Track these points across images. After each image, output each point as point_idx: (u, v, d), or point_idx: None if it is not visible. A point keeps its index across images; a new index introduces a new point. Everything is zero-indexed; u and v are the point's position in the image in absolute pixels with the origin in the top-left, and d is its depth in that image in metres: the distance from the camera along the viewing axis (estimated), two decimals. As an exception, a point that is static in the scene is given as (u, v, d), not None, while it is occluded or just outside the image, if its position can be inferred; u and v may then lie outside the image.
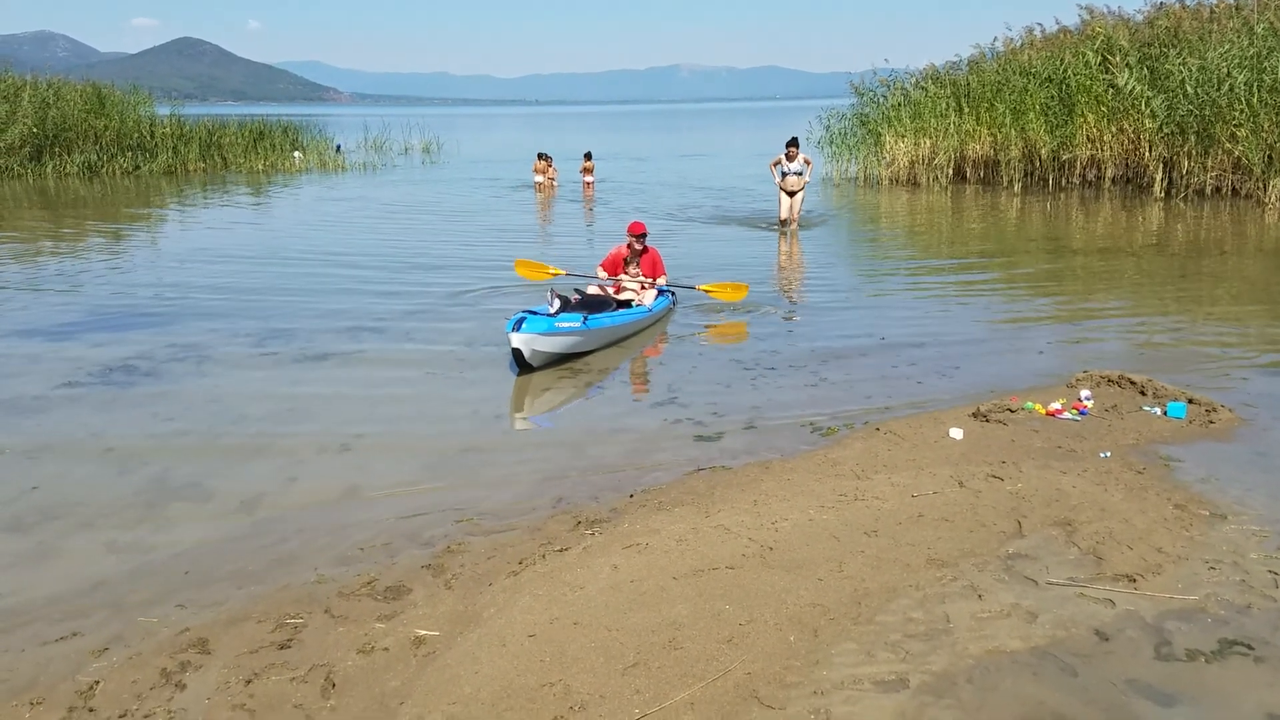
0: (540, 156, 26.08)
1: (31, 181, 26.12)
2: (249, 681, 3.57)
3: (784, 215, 16.50)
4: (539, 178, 25.53)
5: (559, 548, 4.59)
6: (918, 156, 23.78)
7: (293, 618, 4.03)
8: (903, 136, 23.97)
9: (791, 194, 16.42)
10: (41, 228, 17.55)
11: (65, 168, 27.67)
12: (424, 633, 3.87)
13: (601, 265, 10.08)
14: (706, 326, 9.46)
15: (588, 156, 26.11)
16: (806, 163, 16.34)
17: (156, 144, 29.82)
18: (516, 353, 7.66)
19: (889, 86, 25.25)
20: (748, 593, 4.03)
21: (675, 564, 4.30)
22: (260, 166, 31.58)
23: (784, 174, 16.38)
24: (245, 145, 32.25)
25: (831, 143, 25.84)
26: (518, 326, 7.65)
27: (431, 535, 4.86)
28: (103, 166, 28.19)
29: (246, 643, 3.85)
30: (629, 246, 9.90)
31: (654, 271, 9.96)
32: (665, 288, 10.01)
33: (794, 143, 16.44)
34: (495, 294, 10.86)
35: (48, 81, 28.94)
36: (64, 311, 10.26)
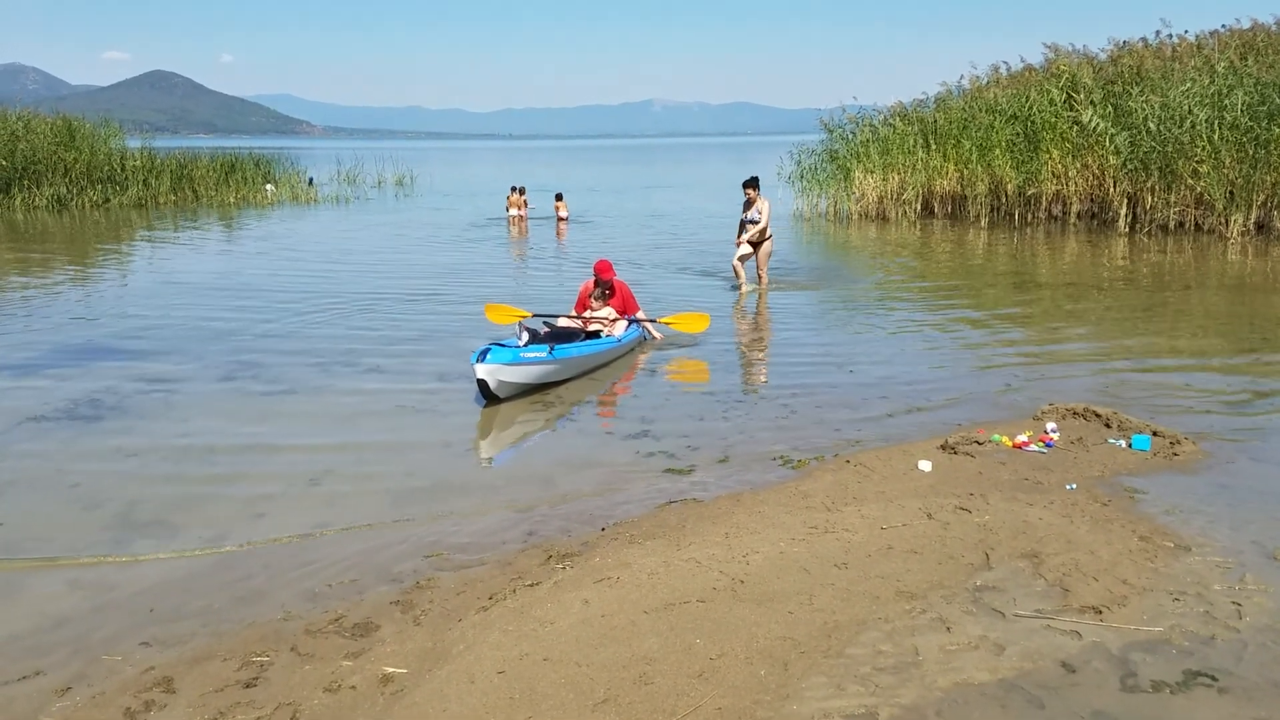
0: (517, 190, 26.10)
1: (-1, 214, 25.93)
2: (214, 721, 3.53)
3: (735, 260, 13.60)
4: (514, 211, 25.55)
5: (530, 582, 4.58)
6: (886, 192, 24.07)
7: (259, 656, 3.99)
8: (871, 172, 24.26)
9: (755, 245, 13.50)
10: (9, 261, 17.39)
11: (34, 200, 27.47)
12: (392, 670, 3.84)
13: (574, 308, 10.15)
14: (670, 364, 9.46)
15: (559, 197, 26.22)
16: (762, 214, 13.24)
17: (127, 177, 29.69)
18: (482, 384, 7.66)
19: (858, 123, 25.60)
20: (718, 626, 4.03)
21: (646, 598, 4.29)
22: (232, 199, 31.50)
23: (743, 223, 13.49)
24: (217, 178, 32.20)
25: (802, 178, 26.11)
26: (482, 357, 7.66)
27: (400, 571, 4.83)
28: (72, 199, 28.02)
29: (211, 681, 3.80)
30: (595, 282, 9.97)
31: (624, 305, 10.01)
32: (633, 318, 10.05)
33: (751, 183, 13.43)
34: (467, 329, 10.84)
35: (17, 114, 28.79)
36: (30, 345, 10.15)
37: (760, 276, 13.73)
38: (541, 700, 3.51)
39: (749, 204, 13.32)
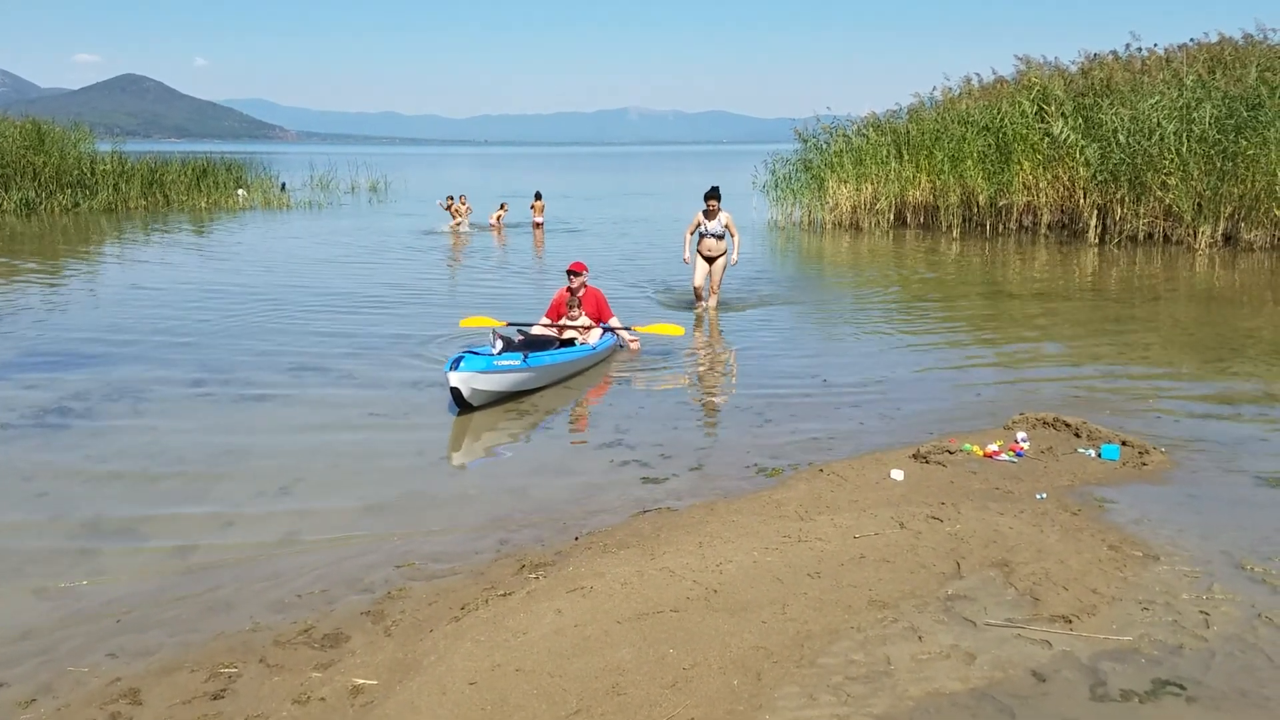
0: (456, 198, 25.38)
1: (-35, 218, 25.58)
2: (181, 733, 3.48)
3: (699, 282, 12.81)
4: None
5: (502, 592, 4.56)
6: (860, 201, 24.21)
7: (227, 667, 3.95)
8: (845, 182, 24.40)
9: (710, 260, 12.77)
10: (-25, 265, 17.17)
11: (2, 205, 27.13)
12: (362, 681, 3.81)
13: (546, 315, 10.11)
14: (644, 373, 9.43)
15: (537, 196, 26.05)
16: (729, 229, 12.60)
17: (97, 181, 29.41)
18: (455, 392, 7.62)
19: (832, 133, 25.73)
20: (692, 636, 4.02)
21: (620, 608, 4.28)
22: (203, 204, 31.24)
23: (701, 235, 12.67)
24: (188, 183, 31.93)
25: (776, 186, 26.21)
26: (456, 365, 7.63)
27: (371, 581, 4.79)
28: (41, 204, 27.69)
29: (179, 693, 3.75)
30: (569, 288, 9.95)
31: (598, 311, 9.99)
32: (606, 326, 10.03)
33: (714, 194, 12.50)
34: (441, 337, 10.80)
35: (-16, 118, 28.50)
36: (-4, 351, 10.02)
37: (713, 292, 12.93)
38: (514, 711, 3.49)
39: (710, 214, 12.59)
